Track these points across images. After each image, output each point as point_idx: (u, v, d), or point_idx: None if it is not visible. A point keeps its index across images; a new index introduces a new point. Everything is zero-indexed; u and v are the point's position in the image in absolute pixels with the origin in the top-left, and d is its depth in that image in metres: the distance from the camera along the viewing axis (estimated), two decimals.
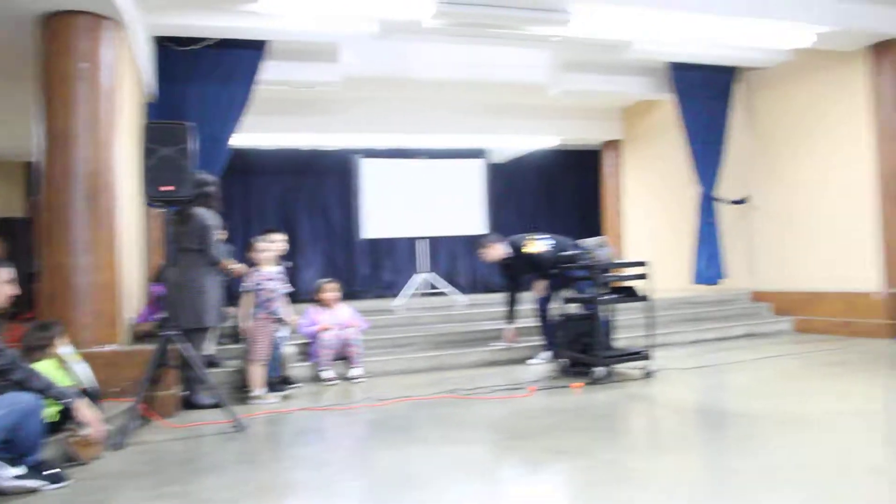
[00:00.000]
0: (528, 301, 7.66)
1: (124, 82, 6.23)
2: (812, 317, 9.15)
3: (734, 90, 10.17)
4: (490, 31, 7.59)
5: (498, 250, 7.58)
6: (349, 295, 12.30)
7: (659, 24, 7.95)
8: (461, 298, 10.47)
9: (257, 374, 6.16)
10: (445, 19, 7.17)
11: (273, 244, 6.74)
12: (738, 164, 10.22)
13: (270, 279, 6.27)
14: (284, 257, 7.25)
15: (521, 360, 7.58)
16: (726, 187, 10.10)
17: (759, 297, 9.97)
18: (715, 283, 9.97)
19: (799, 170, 9.60)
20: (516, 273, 7.70)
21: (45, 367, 4.38)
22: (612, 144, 13.24)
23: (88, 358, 4.94)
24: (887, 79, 8.48)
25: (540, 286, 7.50)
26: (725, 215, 10.20)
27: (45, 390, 3.99)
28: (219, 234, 6.00)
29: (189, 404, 5.76)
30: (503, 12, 7.12)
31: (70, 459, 4.18)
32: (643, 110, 12.32)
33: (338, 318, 7.19)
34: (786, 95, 9.81)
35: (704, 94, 9.95)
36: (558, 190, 14.87)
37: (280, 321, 6.35)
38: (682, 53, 9.25)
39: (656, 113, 11.89)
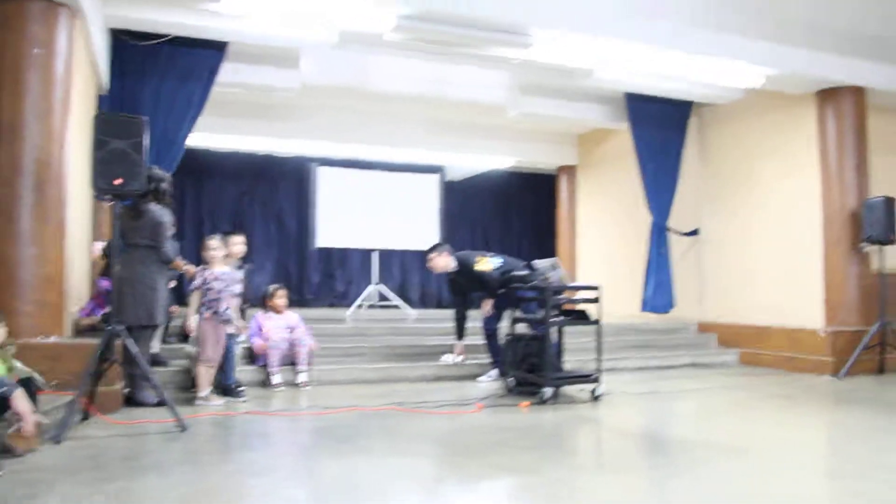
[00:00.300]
0: (477, 318, 7.67)
1: (78, 72, 6.09)
2: (757, 350, 9.26)
3: (688, 124, 10.32)
4: (451, 48, 7.59)
5: (446, 259, 7.59)
6: (301, 303, 12.22)
7: (619, 55, 8.07)
8: (412, 312, 10.44)
9: (204, 376, 6.02)
10: (406, 34, 7.14)
11: (234, 246, 6.67)
12: (689, 196, 10.39)
13: (218, 279, 6.14)
14: (243, 259, 7.15)
15: (469, 377, 7.56)
16: (678, 218, 10.24)
17: (705, 328, 10.08)
18: (664, 312, 10.07)
19: (747, 206, 9.80)
20: (464, 289, 7.72)
21: None
22: (567, 169, 13.36)
23: (29, 349, 4.80)
24: (831, 126, 8.71)
25: (487, 305, 7.52)
26: (676, 246, 10.34)
27: None
28: (171, 230, 5.90)
29: (132, 401, 5.62)
30: (465, 31, 7.11)
31: (5, 451, 4.03)
32: (599, 138, 12.47)
33: (287, 322, 7.14)
34: (737, 133, 10.03)
35: (659, 126, 10.07)
36: (513, 211, 14.98)
37: (228, 322, 6.22)
38: (639, 85, 9.35)
39: (612, 141, 12.04)
